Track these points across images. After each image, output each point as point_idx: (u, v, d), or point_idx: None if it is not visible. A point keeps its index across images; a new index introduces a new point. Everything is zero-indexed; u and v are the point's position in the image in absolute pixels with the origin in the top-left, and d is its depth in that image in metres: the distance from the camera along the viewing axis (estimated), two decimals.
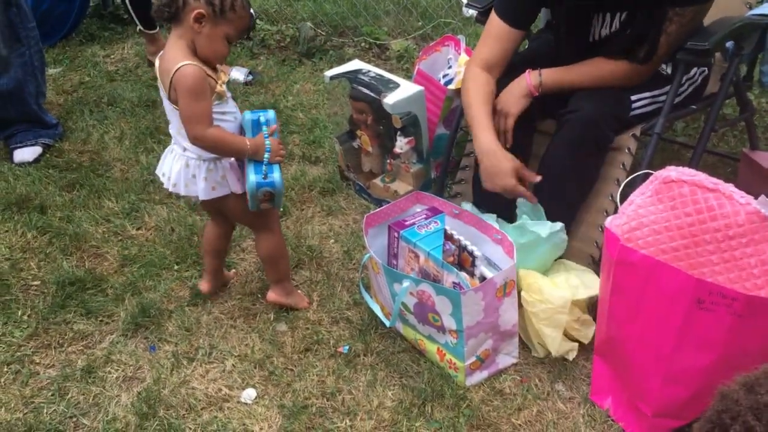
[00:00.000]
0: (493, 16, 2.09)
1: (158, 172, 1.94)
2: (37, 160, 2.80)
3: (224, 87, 1.77)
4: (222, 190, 1.86)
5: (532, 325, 1.88)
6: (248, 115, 1.82)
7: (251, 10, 1.79)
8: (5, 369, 1.90)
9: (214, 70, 1.77)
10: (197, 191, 1.86)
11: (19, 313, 2.08)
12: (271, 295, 2.07)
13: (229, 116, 1.81)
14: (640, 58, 1.95)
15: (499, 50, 2.08)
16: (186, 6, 1.68)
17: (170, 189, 1.90)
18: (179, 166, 1.85)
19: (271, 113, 1.84)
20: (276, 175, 1.81)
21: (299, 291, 2.15)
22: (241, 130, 1.83)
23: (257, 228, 2.03)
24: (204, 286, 2.13)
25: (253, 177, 1.79)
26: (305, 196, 2.61)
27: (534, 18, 2.18)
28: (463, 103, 2.09)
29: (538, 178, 1.97)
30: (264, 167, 1.80)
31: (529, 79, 2.01)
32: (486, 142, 1.97)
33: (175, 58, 1.70)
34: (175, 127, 1.82)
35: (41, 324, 2.04)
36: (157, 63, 1.78)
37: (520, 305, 1.90)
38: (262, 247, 2.04)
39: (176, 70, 1.69)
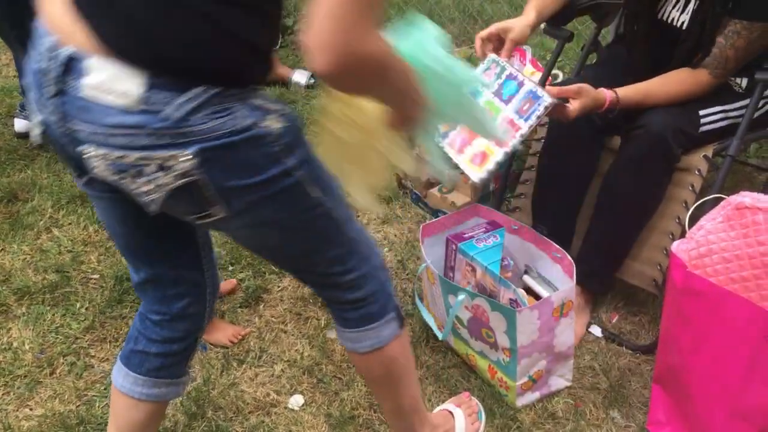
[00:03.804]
0: None
1: None
2: None
3: None
4: None
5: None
6: None
7: None
8: (61, 360, 1.94)
9: None
10: None
11: (78, 305, 2.12)
12: None
13: None
14: (703, 67, 1.88)
15: None
16: None
17: None
18: None
19: None
20: None
21: (228, 326, 2.05)
22: None
23: None
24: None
25: None
26: None
27: None
28: None
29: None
30: None
31: (608, 100, 1.92)
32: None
33: None
34: None
35: (98, 317, 2.08)
36: None
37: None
38: None
39: None
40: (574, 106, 1.81)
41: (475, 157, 1.78)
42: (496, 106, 1.81)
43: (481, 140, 1.78)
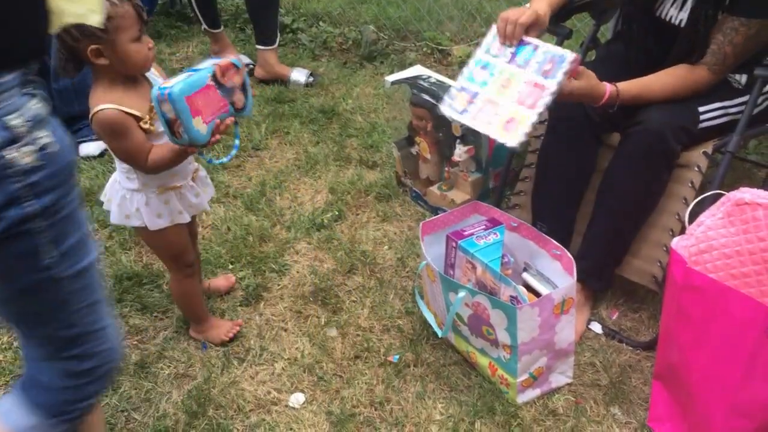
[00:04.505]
0: None
1: None
2: (101, 155, 2.86)
3: (152, 124, 1.61)
4: (135, 221, 1.74)
5: None
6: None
7: None
8: None
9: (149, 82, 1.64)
10: (111, 212, 1.77)
11: None
12: (190, 330, 2.04)
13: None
14: (702, 63, 1.89)
15: None
16: (78, 52, 1.53)
17: (101, 196, 1.82)
18: (111, 179, 1.77)
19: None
20: (177, 87, 1.47)
21: (224, 322, 2.03)
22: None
23: (168, 268, 1.97)
24: None
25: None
26: (361, 200, 2.60)
27: None
28: None
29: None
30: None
31: (608, 92, 1.91)
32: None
33: (93, 102, 1.58)
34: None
35: None
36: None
37: None
38: (171, 291, 2.01)
39: (92, 116, 1.58)
40: (572, 83, 1.79)
41: (508, 123, 1.75)
42: (513, 72, 1.81)
43: (506, 107, 1.77)
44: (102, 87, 1.59)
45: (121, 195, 1.73)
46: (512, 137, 1.71)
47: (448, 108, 1.88)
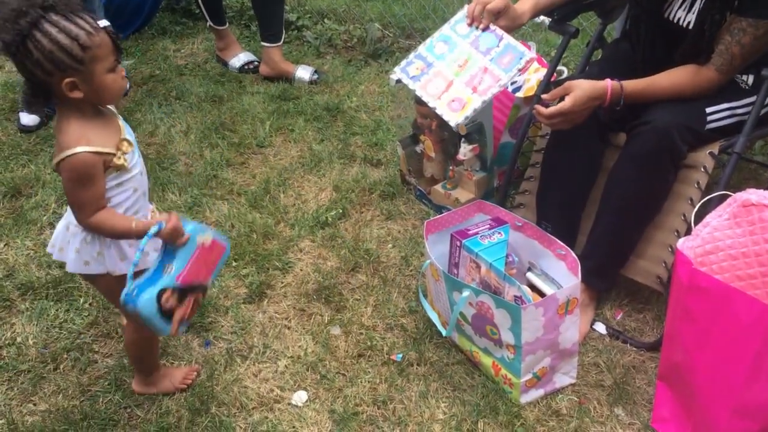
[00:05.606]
0: None
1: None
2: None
3: (125, 159, 1.50)
4: (96, 267, 1.58)
5: None
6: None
7: (98, 24, 1.45)
8: (65, 356, 1.94)
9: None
10: (67, 260, 1.60)
11: (81, 300, 2.12)
12: (134, 384, 1.87)
13: (127, 185, 1.54)
14: (710, 63, 1.89)
15: None
16: (51, 86, 1.42)
17: (48, 248, 1.67)
18: (61, 226, 1.61)
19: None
20: (145, 297, 1.46)
21: (176, 370, 1.90)
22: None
23: (126, 317, 1.75)
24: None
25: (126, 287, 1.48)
26: (365, 198, 2.60)
27: None
28: None
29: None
30: (144, 281, 1.48)
31: (609, 86, 1.91)
32: None
33: (66, 142, 1.45)
34: None
35: (101, 313, 2.08)
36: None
37: None
38: (125, 336, 1.82)
39: (63, 159, 1.44)
40: (567, 101, 1.85)
41: (453, 102, 1.87)
42: (472, 55, 1.90)
43: (459, 87, 1.88)
44: (75, 123, 1.47)
45: (81, 239, 1.56)
46: (454, 117, 1.87)
47: (400, 71, 1.99)
